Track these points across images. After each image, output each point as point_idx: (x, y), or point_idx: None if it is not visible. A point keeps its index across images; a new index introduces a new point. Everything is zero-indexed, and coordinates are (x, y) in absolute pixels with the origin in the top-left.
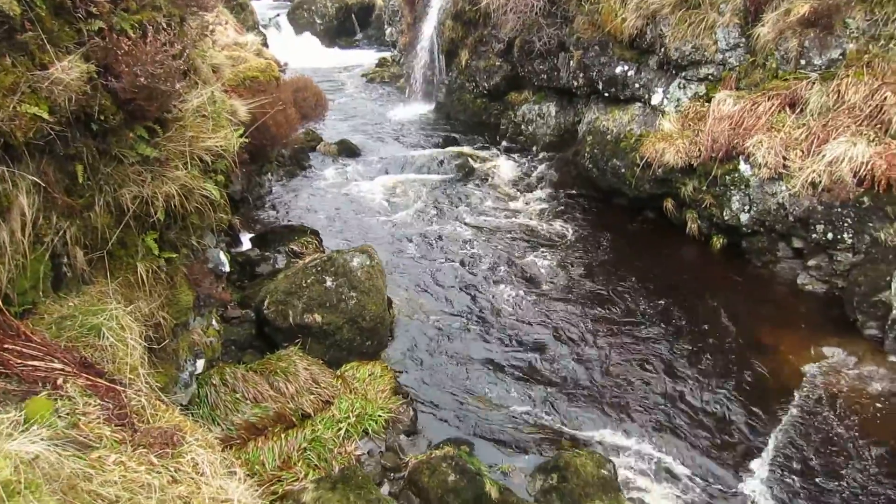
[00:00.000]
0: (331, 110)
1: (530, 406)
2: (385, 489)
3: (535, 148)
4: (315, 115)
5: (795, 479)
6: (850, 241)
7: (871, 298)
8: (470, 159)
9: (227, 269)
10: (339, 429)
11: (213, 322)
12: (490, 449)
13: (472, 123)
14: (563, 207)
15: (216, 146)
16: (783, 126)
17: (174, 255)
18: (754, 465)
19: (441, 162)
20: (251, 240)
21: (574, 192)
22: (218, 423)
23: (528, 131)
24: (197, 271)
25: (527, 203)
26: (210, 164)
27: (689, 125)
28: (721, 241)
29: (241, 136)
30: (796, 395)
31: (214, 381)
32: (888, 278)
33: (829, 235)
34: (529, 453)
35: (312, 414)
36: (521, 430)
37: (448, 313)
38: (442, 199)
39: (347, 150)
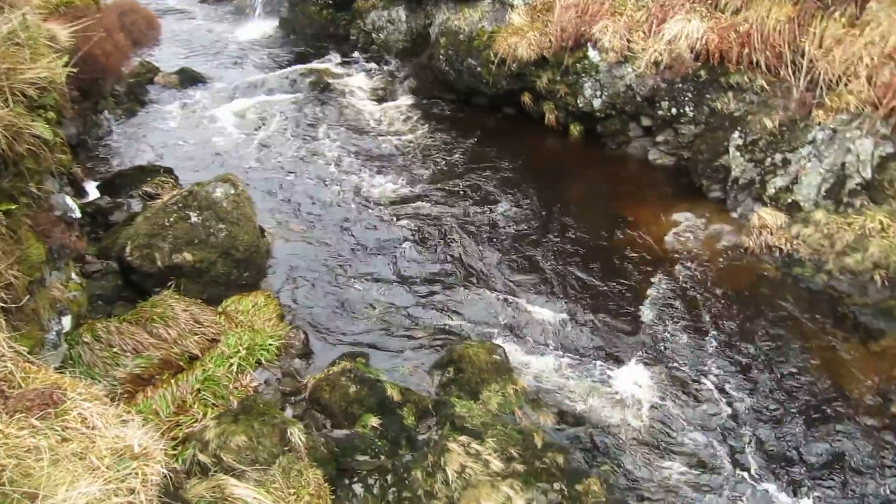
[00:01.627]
0: (164, 36)
1: (419, 308)
2: (288, 413)
3: (388, 56)
4: (147, 40)
5: (667, 334)
6: (691, 113)
7: (712, 164)
8: (323, 75)
9: (78, 214)
10: (231, 364)
11: (73, 275)
12: (386, 355)
13: (320, 37)
14: (423, 113)
15: (39, 78)
16: (625, 9)
17: (13, 206)
18: (632, 327)
19: (293, 81)
20: (98, 188)
21: (433, 96)
22: (98, 381)
23: (380, 39)
24: (43, 221)
25: (387, 113)
26: (36, 98)
27: (539, 17)
28: (578, 128)
29: (65, 65)
30: (659, 259)
31: (86, 339)
32: (726, 143)
33: (673, 111)
34: (425, 352)
35: (200, 354)
36: (414, 332)
37: (323, 231)
38: (300, 120)
39: (190, 79)
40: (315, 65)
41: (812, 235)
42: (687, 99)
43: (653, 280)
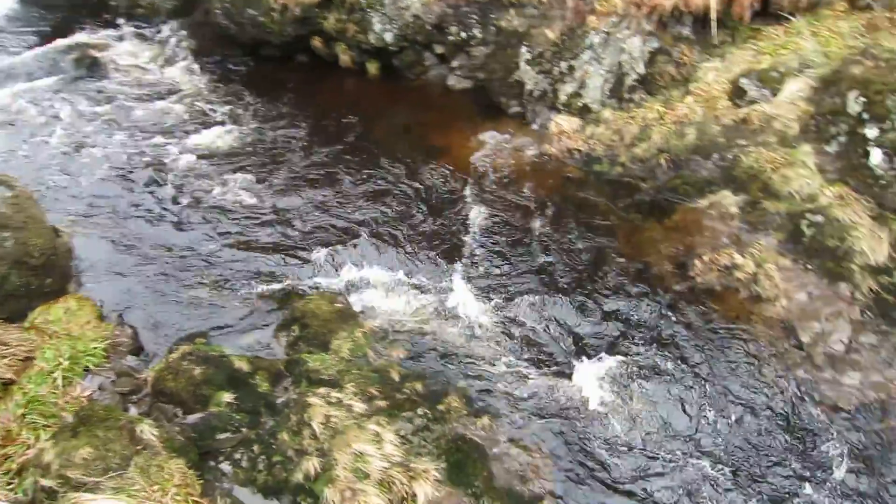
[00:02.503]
0: None
1: (249, 274)
2: (133, 413)
3: (159, 19)
4: None
5: (490, 245)
6: (480, 35)
7: (507, 81)
8: (88, 49)
9: None
10: (55, 379)
11: None
12: (226, 329)
13: (75, 6)
14: (209, 74)
15: None
16: None
17: None
18: (457, 248)
19: (54, 61)
20: None
21: (217, 55)
22: None
23: (146, 2)
24: None
25: (168, 79)
26: None
27: None
28: (375, 65)
29: None
30: (472, 179)
31: None
32: (516, 60)
33: (463, 34)
34: (266, 317)
35: (15, 377)
36: (249, 300)
37: (123, 218)
38: (70, 103)
39: None
40: (77, 38)
41: (604, 133)
42: (474, 21)
43: (468, 200)
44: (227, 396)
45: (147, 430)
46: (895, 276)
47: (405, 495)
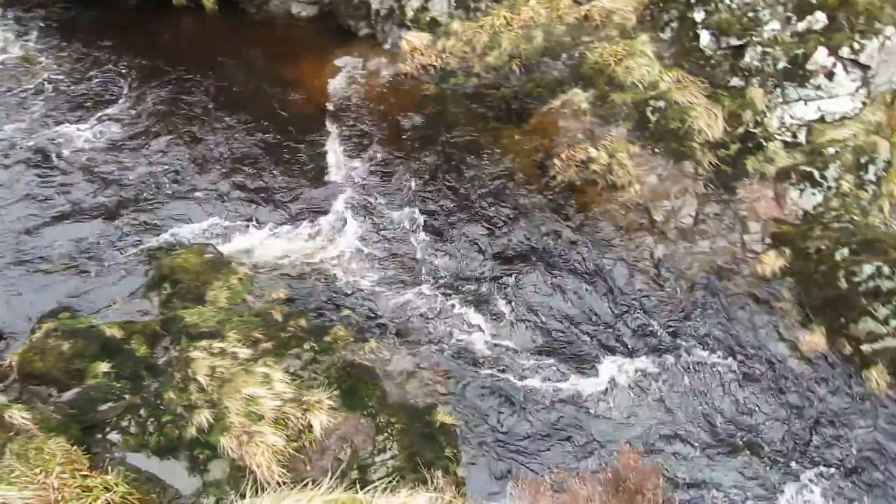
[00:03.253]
0: None
1: (110, 237)
2: (2, 401)
3: None
4: None
5: (356, 173)
6: None
7: (353, 3)
8: None
9: None
10: None
11: None
12: (93, 297)
13: None
14: (25, 26)
15: None
16: None
17: None
18: (324, 181)
19: None
20: None
21: (33, 4)
22: None
23: None
24: None
25: None
26: None
27: None
28: (211, 0)
29: None
30: (331, 109)
31: None
32: None
33: None
34: (135, 278)
35: None
36: (110, 264)
37: None
38: None
39: None
40: None
41: (455, 45)
42: None
43: (329, 131)
44: (104, 366)
45: (17, 416)
46: (731, 149)
47: (301, 428)
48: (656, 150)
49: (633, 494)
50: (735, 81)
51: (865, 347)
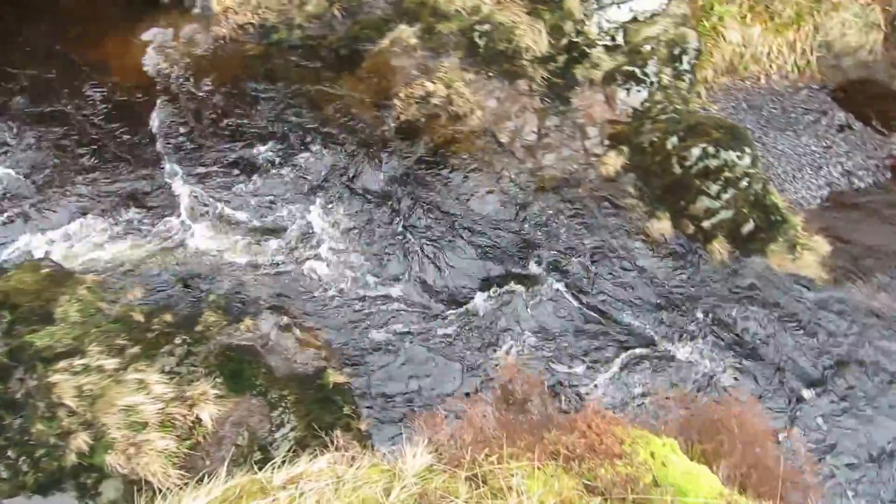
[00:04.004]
0: None
1: None
2: None
3: None
4: None
5: (189, 154)
6: None
7: None
8: None
9: None
10: None
11: None
12: None
13: None
14: None
15: None
16: None
17: None
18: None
19: None
20: None
21: None
22: None
23: None
24: None
25: None
26: None
27: None
28: None
29: None
30: (147, 87)
31: None
32: None
33: None
34: None
35: None
36: None
37: None
38: None
39: None
40: None
41: None
42: None
43: (152, 113)
44: None
45: None
46: (559, 61)
47: (191, 424)
48: (490, 74)
49: (523, 404)
50: None
51: (706, 224)
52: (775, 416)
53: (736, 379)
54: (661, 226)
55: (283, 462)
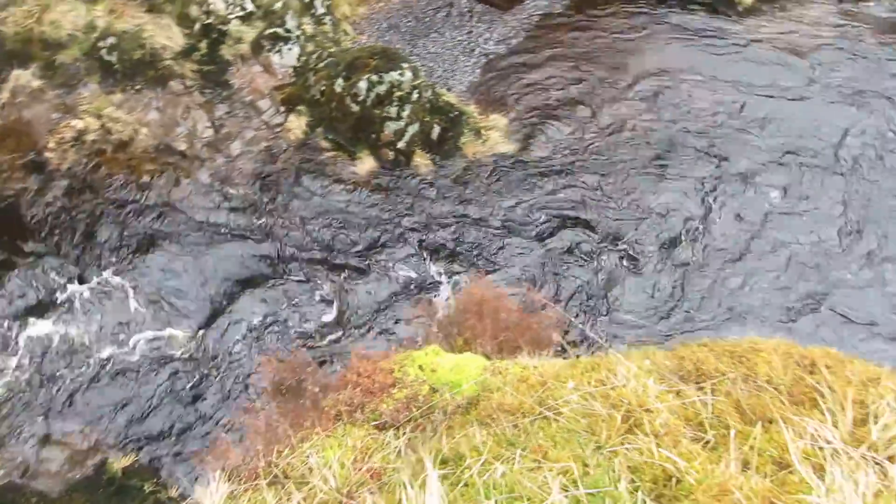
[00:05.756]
0: None
1: None
2: None
3: None
4: None
5: None
6: None
7: None
8: None
9: None
10: None
11: None
12: None
13: None
14: None
15: None
16: None
17: None
18: None
19: None
20: None
21: None
22: None
23: None
24: None
25: None
26: None
27: None
28: None
29: None
30: None
31: None
32: None
33: None
34: None
35: None
36: None
37: None
38: None
39: None
40: None
41: None
42: None
43: None
44: None
45: None
46: (202, 49)
47: None
48: (138, 88)
49: (297, 388)
50: None
51: (400, 145)
52: (510, 283)
53: (469, 269)
54: (366, 164)
55: None
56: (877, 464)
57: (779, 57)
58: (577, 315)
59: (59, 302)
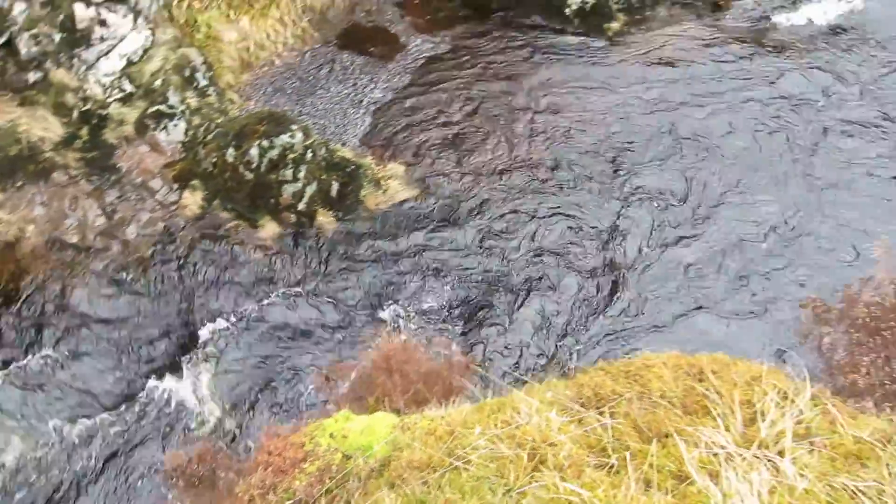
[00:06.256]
0: None
1: None
2: None
3: None
4: None
5: None
6: None
7: None
8: None
9: None
10: None
11: None
12: None
13: None
14: None
15: None
16: None
17: None
18: None
19: None
20: None
21: None
22: None
23: None
24: None
25: None
26: None
27: None
28: None
29: None
30: None
31: None
32: None
33: None
34: None
35: None
36: None
37: None
38: None
39: None
40: None
41: None
42: None
43: None
44: None
45: None
46: (84, 136)
47: None
48: (19, 184)
49: (211, 479)
50: (34, 77)
51: (301, 206)
52: (418, 334)
53: (380, 325)
54: (268, 230)
55: None
56: (769, 460)
57: (654, 72)
58: (483, 357)
59: None
